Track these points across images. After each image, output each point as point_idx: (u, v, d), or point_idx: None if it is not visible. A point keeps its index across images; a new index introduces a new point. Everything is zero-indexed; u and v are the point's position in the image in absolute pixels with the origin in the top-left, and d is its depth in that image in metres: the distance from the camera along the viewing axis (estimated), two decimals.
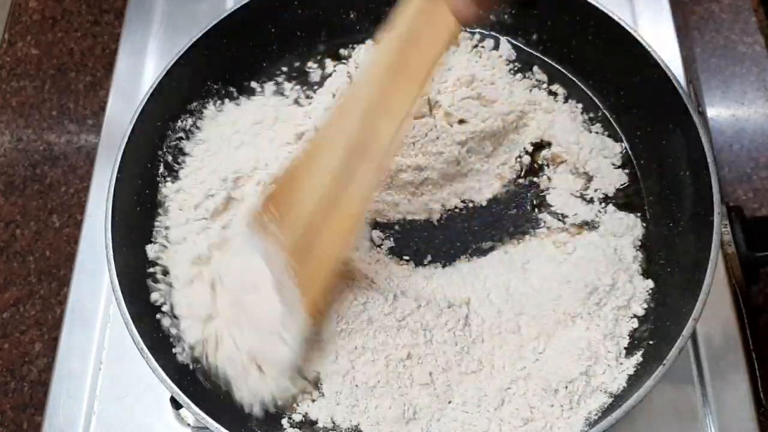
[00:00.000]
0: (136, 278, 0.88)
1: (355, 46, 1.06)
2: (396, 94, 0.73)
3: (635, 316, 0.84)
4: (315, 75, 1.05)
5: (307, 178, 0.77)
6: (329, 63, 1.05)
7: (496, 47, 1.02)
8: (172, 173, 0.96)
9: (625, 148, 0.96)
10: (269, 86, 1.03)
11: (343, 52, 1.06)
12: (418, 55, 0.73)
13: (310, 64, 1.06)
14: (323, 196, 0.75)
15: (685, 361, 0.90)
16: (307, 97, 1.02)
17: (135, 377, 0.92)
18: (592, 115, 0.99)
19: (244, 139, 0.96)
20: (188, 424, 0.90)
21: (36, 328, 1.04)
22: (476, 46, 1.03)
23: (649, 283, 0.86)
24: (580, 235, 0.90)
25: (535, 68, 1.02)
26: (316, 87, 1.03)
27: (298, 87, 1.04)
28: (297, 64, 1.06)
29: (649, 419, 0.87)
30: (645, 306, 0.85)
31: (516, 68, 1.01)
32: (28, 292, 1.07)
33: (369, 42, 1.05)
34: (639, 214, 0.92)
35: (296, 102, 1.02)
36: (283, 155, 0.94)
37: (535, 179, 0.95)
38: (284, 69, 1.05)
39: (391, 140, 0.74)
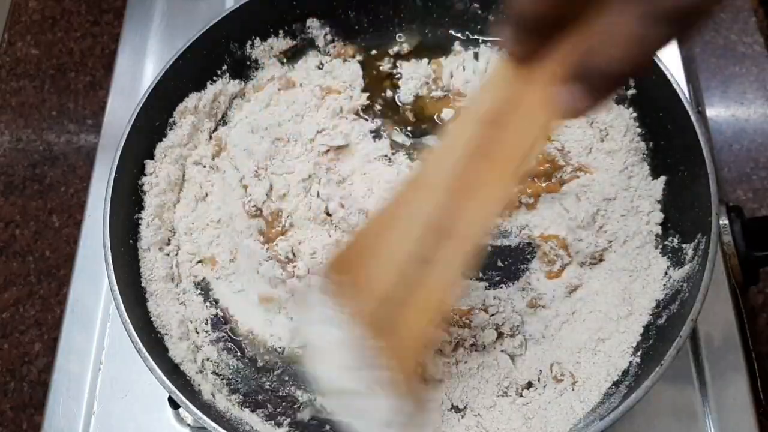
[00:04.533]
0: (135, 278, 0.88)
1: (363, 44, 1.06)
2: (483, 178, 0.64)
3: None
4: (322, 73, 1.04)
5: (379, 248, 0.70)
6: (333, 61, 1.05)
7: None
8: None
9: None
10: (272, 85, 1.03)
11: (349, 50, 1.06)
12: (507, 140, 0.63)
13: (312, 62, 1.06)
14: (401, 271, 0.68)
15: (684, 361, 0.90)
16: (321, 97, 1.01)
17: (135, 377, 0.92)
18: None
19: (250, 141, 0.96)
20: (188, 425, 0.91)
21: (36, 328, 1.04)
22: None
23: None
24: None
25: None
26: (323, 86, 1.02)
27: (306, 89, 1.02)
28: (299, 63, 1.06)
29: (649, 419, 0.87)
30: None
31: None
32: (27, 292, 1.07)
33: (399, 36, 1.05)
34: None
35: (310, 104, 1.00)
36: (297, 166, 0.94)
37: None
38: (285, 68, 1.05)
39: (481, 226, 0.66)
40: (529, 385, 0.82)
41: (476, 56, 1.03)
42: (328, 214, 0.90)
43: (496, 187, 0.65)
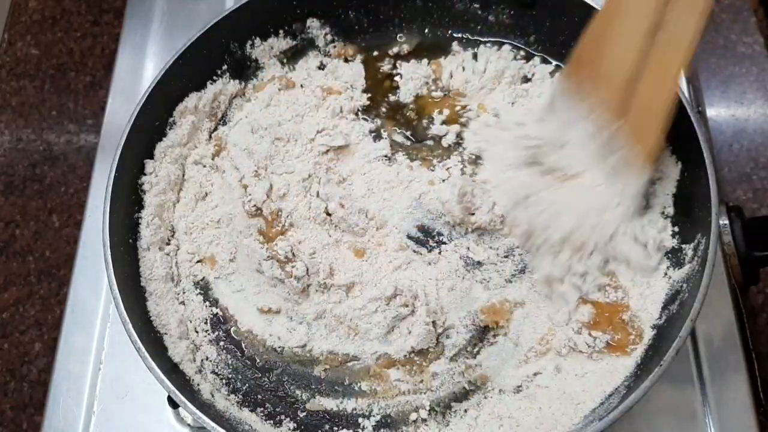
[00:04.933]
0: (135, 278, 0.88)
1: (363, 44, 1.06)
2: None
3: None
4: (323, 73, 1.04)
5: (618, 27, 0.76)
6: (335, 61, 1.05)
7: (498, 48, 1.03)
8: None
9: None
10: (273, 85, 1.03)
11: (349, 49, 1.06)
12: None
13: (312, 63, 1.06)
14: (639, 43, 0.75)
15: (684, 361, 0.90)
16: (321, 97, 1.01)
17: (135, 377, 0.92)
18: None
19: (250, 141, 0.96)
20: (188, 424, 0.91)
21: (36, 328, 1.04)
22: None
23: None
24: None
25: (532, 67, 1.01)
26: (324, 86, 1.02)
27: (307, 89, 1.02)
28: (300, 63, 1.06)
29: (649, 419, 0.87)
30: None
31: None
32: (28, 292, 1.07)
33: (399, 37, 1.06)
34: None
35: (310, 104, 1.00)
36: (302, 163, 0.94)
37: None
38: (286, 69, 1.05)
39: None
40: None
41: (475, 56, 1.03)
42: (328, 214, 0.90)
43: None
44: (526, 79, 1.00)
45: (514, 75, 0.99)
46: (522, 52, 1.02)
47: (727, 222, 0.89)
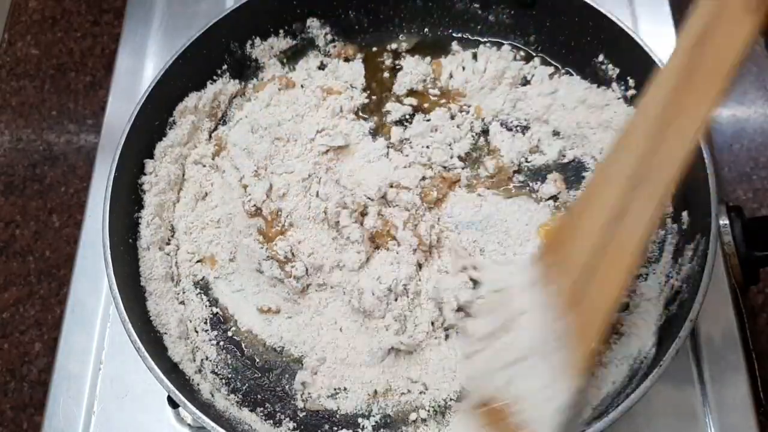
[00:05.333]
0: (135, 277, 0.88)
1: (363, 43, 1.06)
2: (686, 105, 0.64)
3: None
4: (323, 73, 1.04)
5: (586, 216, 0.70)
6: (335, 61, 1.05)
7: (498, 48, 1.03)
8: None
9: None
10: (273, 84, 1.03)
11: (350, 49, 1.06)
12: (709, 59, 0.66)
13: (313, 62, 1.06)
14: (599, 233, 0.68)
15: (684, 361, 0.90)
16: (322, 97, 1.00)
17: (135, 377, 0.92)
18: None
19: (249, 141, 0.96)
20: (188, 424, 0.91)
21: (36, 328, 1.04)
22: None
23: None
24: None
25: (532, 69, 1.02)
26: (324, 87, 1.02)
27: (307, 89, 1.01)
28: (300, 63, 1.06)
29: (649, 419, 0.87)
30: None
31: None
32: (28, 292, 1.07)
33: (399, 36, 1.06)
34: None
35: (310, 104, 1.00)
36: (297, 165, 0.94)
37: None
38: (286, 68, 1.05)
39: (680, 160, 0.64)
40: None
41: (475, 56, 1.03)
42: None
43: (697, 109, 0.64)
44: (525, 81, 1.00)
45: (515, 76, 0.99)
46: (522, 53, 1.03)
47: (727, 222, 0.89)
